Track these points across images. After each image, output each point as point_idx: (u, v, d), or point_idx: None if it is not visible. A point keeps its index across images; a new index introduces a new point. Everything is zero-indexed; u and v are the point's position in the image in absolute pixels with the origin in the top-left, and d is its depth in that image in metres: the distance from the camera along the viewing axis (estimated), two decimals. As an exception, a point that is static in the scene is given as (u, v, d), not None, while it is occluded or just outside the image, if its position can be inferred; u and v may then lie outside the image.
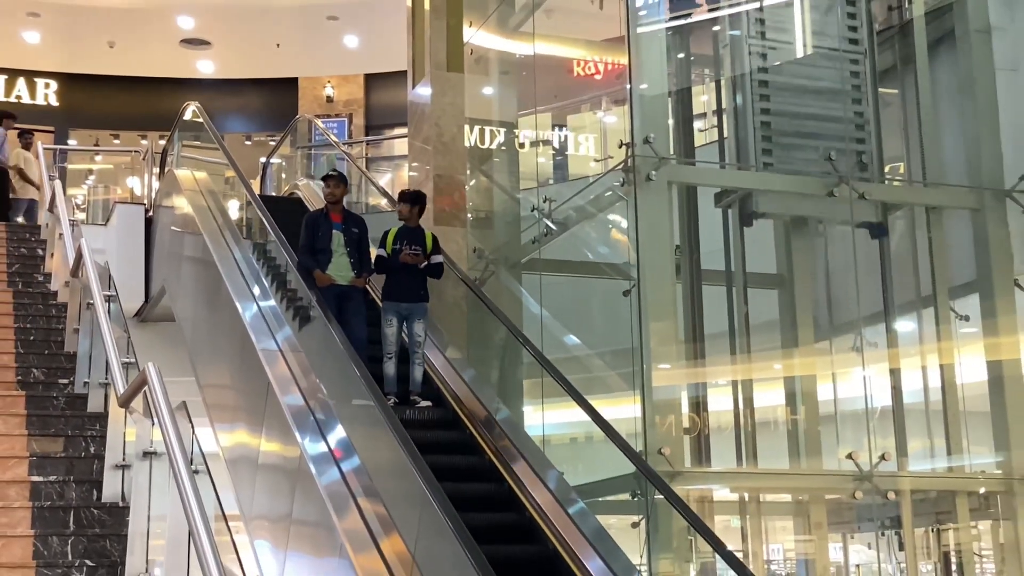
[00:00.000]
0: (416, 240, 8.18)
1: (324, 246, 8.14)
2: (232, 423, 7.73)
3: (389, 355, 7.91)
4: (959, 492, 9.07)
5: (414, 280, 8.10)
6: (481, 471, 7.18)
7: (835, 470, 8.82)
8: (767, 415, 9.40)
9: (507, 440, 7.21)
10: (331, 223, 8.23)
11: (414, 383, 7.91)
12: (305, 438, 6.36)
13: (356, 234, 8.26)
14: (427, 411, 7.79)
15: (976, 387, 9.27)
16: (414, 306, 8.02)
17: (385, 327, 7.97)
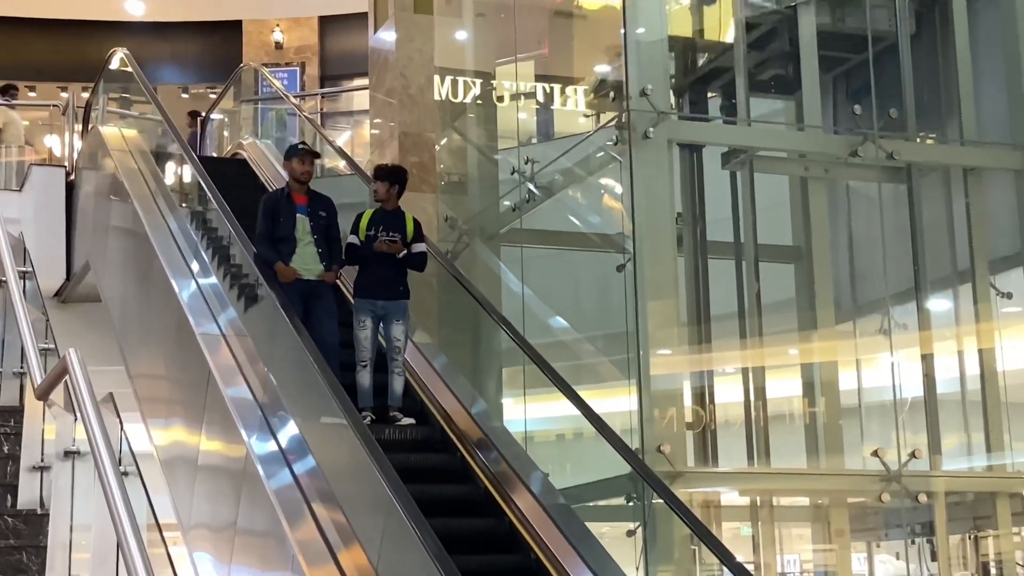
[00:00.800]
0: (394, 225, 7.85)
1: (287, 234, 7.73)
2: (168, 418, 7.74)
3: (364, 363, 7.60)
4: (1000, 494, 9.15)
5: (392, 273, 7.78)
6: (475, 503, 6.97)
7: (859, 470, 8.88)
8: (782, 407, 9.44)
9: (505, 465, 6.99)
10: (294, 206, 7.83)
11: (394, 396, 7.61)
12: (252, 436, 6.36)
13: (324, 219, 7.87)
14: (409, 430, 7.52)
15: (1020, 375, 9.34)
16: (392, 304, 7.72)
17: (358, 329, 7.67)
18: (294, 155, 8.00)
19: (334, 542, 5.62)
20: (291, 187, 7.96)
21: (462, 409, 7.59)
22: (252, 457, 6.19)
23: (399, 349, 7.66)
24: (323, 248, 7.79)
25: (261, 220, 7.80)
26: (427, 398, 7.88)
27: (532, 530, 6.62)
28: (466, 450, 7.32)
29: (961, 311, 9.56)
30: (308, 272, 7.72)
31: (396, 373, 7.62)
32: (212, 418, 6.92)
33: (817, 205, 9.23)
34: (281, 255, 7.68)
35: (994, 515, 9.15)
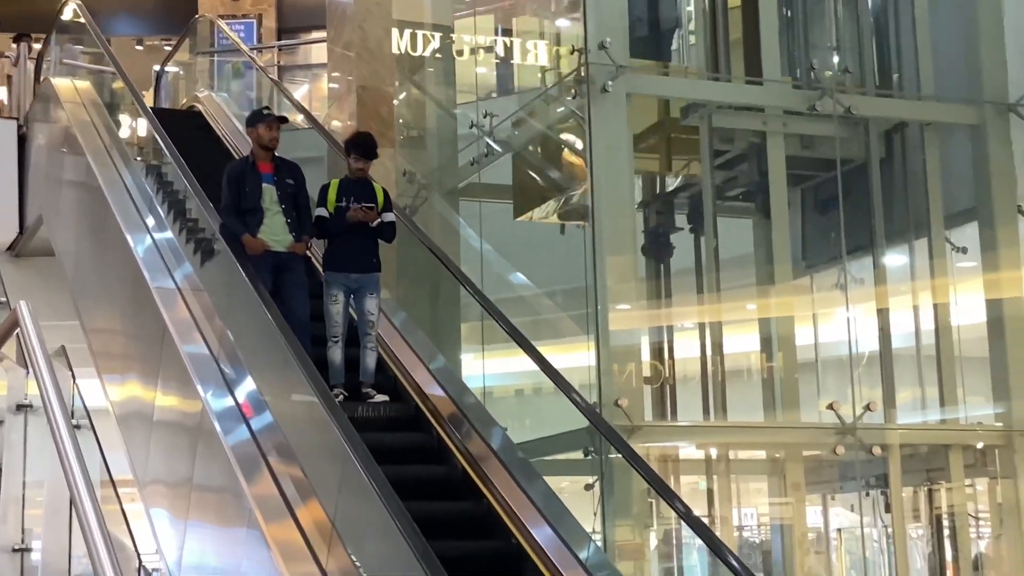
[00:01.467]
0: (365, 195, 7.50)
1: (253, 204, 7.35)
2: (123, 374, 7.68)
3: (336, 338, 7.31)
4: (953, 447, 9.25)
5: (365, 244, 7.47)
6: (454, 485, 6.70)
7: (815, 423, 8.95)
8: (739, 362, 9.48)
9: (483, 443, 6.71)
10: (260, 175, 7.45)
11: (366, 372, 7.32)
12: (208, 391, 6.32)
13: (292, 187, 7.49)
14: (383, 407, 7.24)
15: (974, 329, 9.42)
16: (365, 277, 7.42)
17: (329, 303, 7.34)
18: (260, 121, 7.57)
19: (292, 497, 5.59)
20: (256, 155, 7.55)
21: (436, 384, 7.30)
22: (208, 412, 6.16)
23: (372, 323, 7.37)
24: (292, 218, 7.42)
25: (226, 191, 7.40)
26: (400, 373, 7.59)
27: (511, 511, 6.36)
28: (441, 428, 6.99)
29: (917, 266, 9.63)
30: (277, 243, 7.36)
31: (369, 348, 7.33)
32: (168, 374, 6.87)
33: (775, 161, 9.24)
34: (248, 227, 7.31)
35: (947, 468, 9.26)
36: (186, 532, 6.30)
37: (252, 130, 7.62)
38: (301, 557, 5.28)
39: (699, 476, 10.08)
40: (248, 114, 7.95)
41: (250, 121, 7.72)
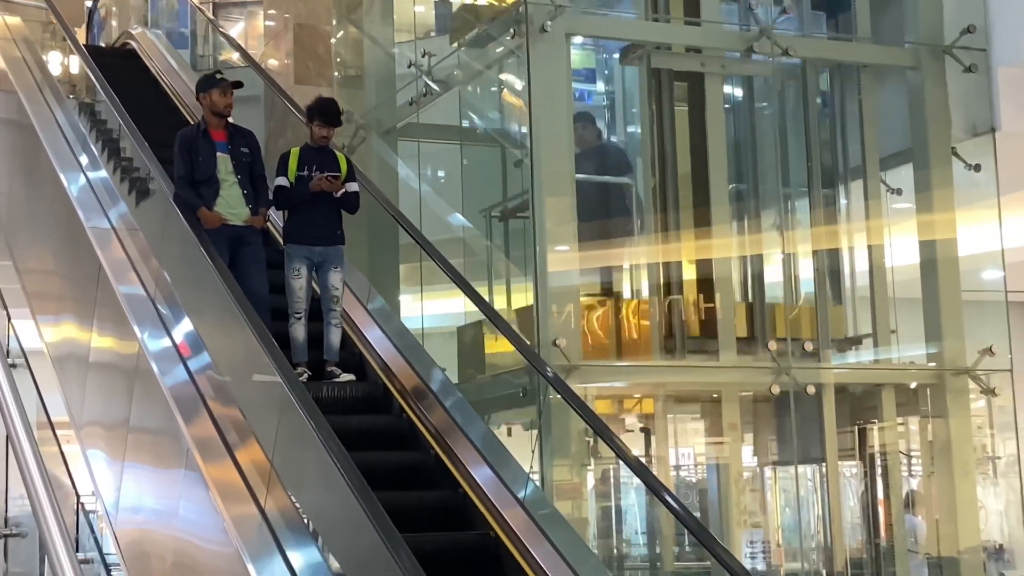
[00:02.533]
0: (327, 164, 7.24)
1: (208, 175, 7.07)
2: (57, 315, 7.61)
3: (298, 314, 7.07)
4: (885, 386, 9.39)
5: (328, 215, 7.21)
6: (426, 472, 6.58)
7: (751, 362, 9.04)
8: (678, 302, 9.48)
9: (457, 429, 6.57)
10: (213, 144, 7.15)
11: (330, 350, 7.11)
12: (145, 332, 6.28)
13: (247, 155, 7.22)
14: (349, 387, 7.06)
15: (907, 271, 9.53)
16: (329, 250, 7.18)
17: (292, 278, 7.09)
18: (212, 86, 7.21)
19: (231, 439, 5.58)
20: (208, 122, 7.22)
21: (404, 362, 7.11)
22: (145, 353, 6.12)
23: (337, 298, 7.14)
24: (248, 189, 7.17)
25: (179, 161, 7.09)
26: (365, 349, 7.41)
27: (485, 498, 6.23)
28: (411, 410, 6.84)
29: (852, 207, 9.71)
30: (234, 216, 7.11)
31: (333, 325, 7.11)
32: (103, 314, 6.82)
33: (713, 101, 9.24)
34: (204, 199, 7.04)
35: (880, 407, 9.40)
36: (123, 474, 6.29)
37: (204, 96, 7.23)
38: (240, 497, 5.28)
39: (636, 416, 10.15)
40: (199, 78, 7.55)
41: (201, 86, 7.31)
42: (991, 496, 13.29)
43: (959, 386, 9.27)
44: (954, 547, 9.41)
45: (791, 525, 9.86)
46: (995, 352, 9.20)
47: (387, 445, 6.68)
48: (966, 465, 9.47)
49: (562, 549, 5.85)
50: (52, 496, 3.26)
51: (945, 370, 9.31)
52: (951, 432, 9.33)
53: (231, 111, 7.24)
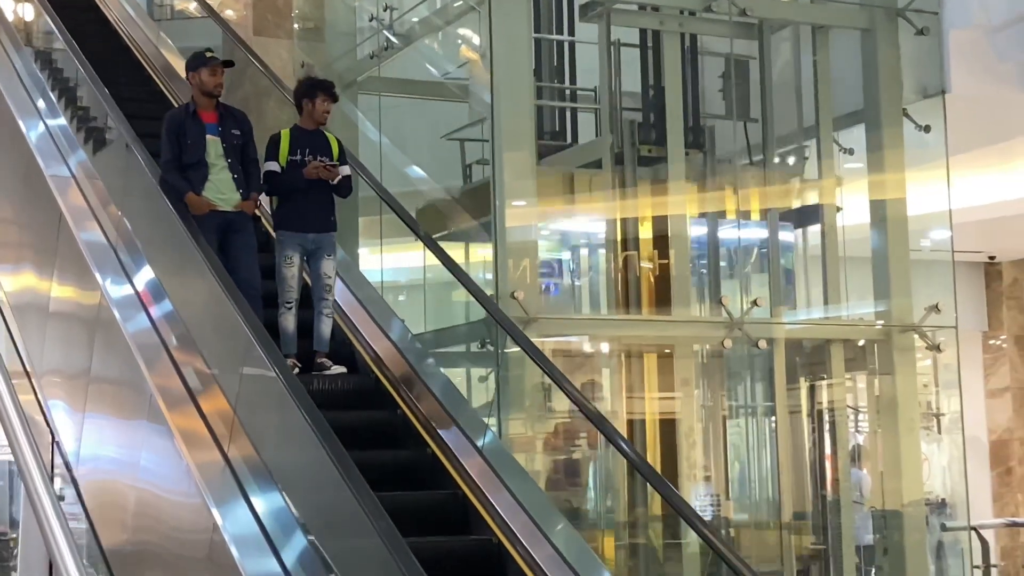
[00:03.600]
0: (320, 147, 6.90)
1: (196, 158, 6.70)
2: (16, 263, 7.54)
3: (289, 304, 6.75)
4: (834, 342, 9.54)
5: (321, 201, 6.86)
6: (422, 471, 6.27)
7: (705, 318, 9.13)
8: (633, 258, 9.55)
9: (454, 425, 6.29)
10: (203, 126, 6.77)
11: (320, 340, 6.83)
12: (107, 279, 6.23)
13: (238, 138, 6.84)
14: (340, 379, 6.78)
15: (858, 230, 9.65)
16: (322, 237, 6.85)
17: (283, 266, 6.78)
18: (202, 65, 6.82)
19: (194, 387, 5.56)
20: (198, 102, 6.83)
21: (396, 352, 6.84)
22: (107, 302, 6.08)
23: (329, 288, 6.84)
24: (239, 173, 6.79)
25: (165, 143, 6.75)
26: (355, 338, 7.15)
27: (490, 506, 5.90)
28: (405, 404, 6.58)
29: (805, 167, 9.79)
30: (224, 202, 6.72)
31: (325, 315, 6.83)
32: (64, 263, 6.76)
33: (670, 59, 9.27)
34: (192, 183, 6.68)
35: (828, 363, 9.53)
36: (84, 424, 6.25)
37: (194, 75, 6.87)
38: (204, 445, 5.27)
39: (593, 369, 10.23)
40: (188, 57, 7.07)
41: (191, 65, 6.93)
42: (935, 451, 13.54)
43: (905, 343, 9.44)
44: (898, 500, 9.61)
45: (740, 478, 10.00)
46: (941, 310, 9.36)
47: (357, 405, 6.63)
48: (911, 421, 9.66)
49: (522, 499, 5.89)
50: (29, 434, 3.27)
51: (892, 327, 9.46)
52: (897, 388, 9.51)
53: (221, 91, 6.89)
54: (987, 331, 16.69)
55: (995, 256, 16.22)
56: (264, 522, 4.80)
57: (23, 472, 3.21)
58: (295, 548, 4.70)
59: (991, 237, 14.93)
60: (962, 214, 10.82)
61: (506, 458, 6.19)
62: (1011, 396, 16.49)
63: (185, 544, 5.15)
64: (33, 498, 3.01)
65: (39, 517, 3.07)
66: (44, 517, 2.99)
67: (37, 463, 3.15)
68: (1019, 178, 11.87)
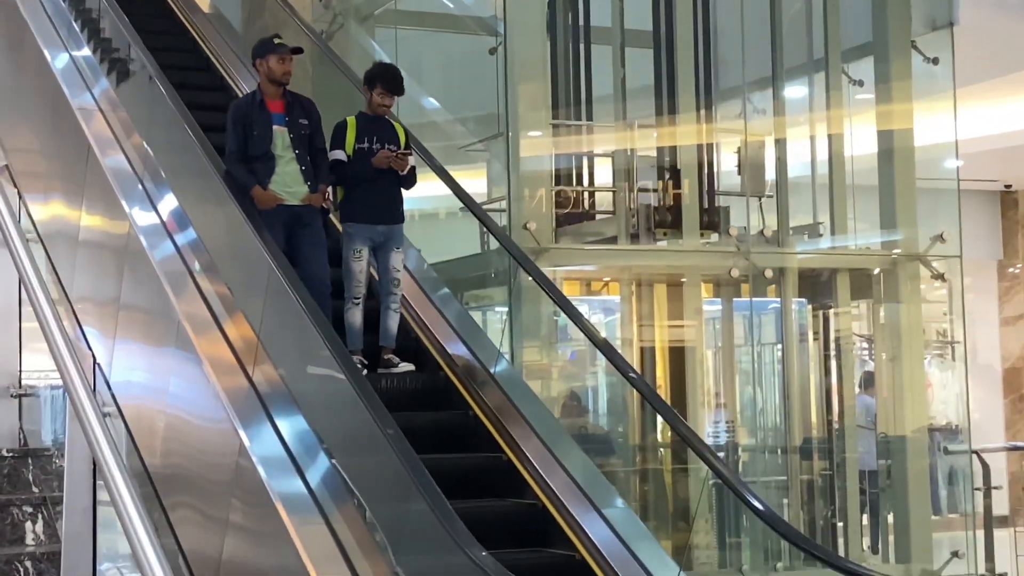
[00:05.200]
0: (387, 136, 6.69)
1: (263, 151, 6.46)
2: (46, 193, 7.77)
3: (356, 299, 6.56)
4: (840, 271, 9.77)
5: (390, 191, 6.67)
6: (495, 477, 6.03)
7: (713, 246, 9.37)
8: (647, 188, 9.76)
9: (529, 430, 6.08)
10: (269, 115, 6.53)
11: (388, 336, 6.63)
12: (134, 208, 6.46)
13: (306, 127, 6.59)
14: (408, 378, 6.58)
15: (866, 160, 9.84)
16: (391, 229, 6.66)
17: (351, 260, 6.58)
18: (270, 52, 6.59)
19: (219, 313, 5.76)
20: (265, 91, 6.60)
21: (466, 351, 6.62)
22: (135, 231, 6.30)
23: (398, 281, 6.67)
24: (306, 164, 6.54)
25: (231, 134, 6.51)
26: (423, 333, 6.94)
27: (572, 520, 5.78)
28: (478, 405, 6.37)
29: (815, 98, 9.97)
30: (291, 196, 6.47)
31: (392, 309, 6.63)
32: (92, 193, 6.98)
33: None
34: (257, 176, 6.45)
35: (835, 291, 9.77)
36: (114, 350, 6.47)
37: (261, 62, 6.62)
38: (229, 369, 5.50)
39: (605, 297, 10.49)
40: (255, 44, 6.85)
41: (258, 51, 6.69)
42: (950, 379, 13.79)
43: (911, 272, 9.65)
44: (903, 427, 9.86)
45: (752, 405, 10.27)
46: (946, 239, 9.56)
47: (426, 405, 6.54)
48: (916, 348, 9.89)
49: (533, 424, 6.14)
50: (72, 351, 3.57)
51: (897, 255, 9.66)
52: (902, 316, 9.73)
53: (289, 79, 6.63)
54: (1003, 259, 16.90)
55: (1011, 185, 16.38)
56: (289, 444, 5.01)
57: (68, 387, 3.52)
58: (319, 469, 4.90)
59: (1007, 166, 15.10)
60: (977, 143, 11.03)
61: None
62: (1025, 324, 16.74)
63: (213, 467, 5.33)
64: (78, 410, 3.31)
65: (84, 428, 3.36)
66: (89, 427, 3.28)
67: (81, 378, 3.46)
68: (1033, 108, 12.04)
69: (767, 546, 9.07)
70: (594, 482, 5.91)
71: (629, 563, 5.37)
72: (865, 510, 10.27)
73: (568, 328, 9.00)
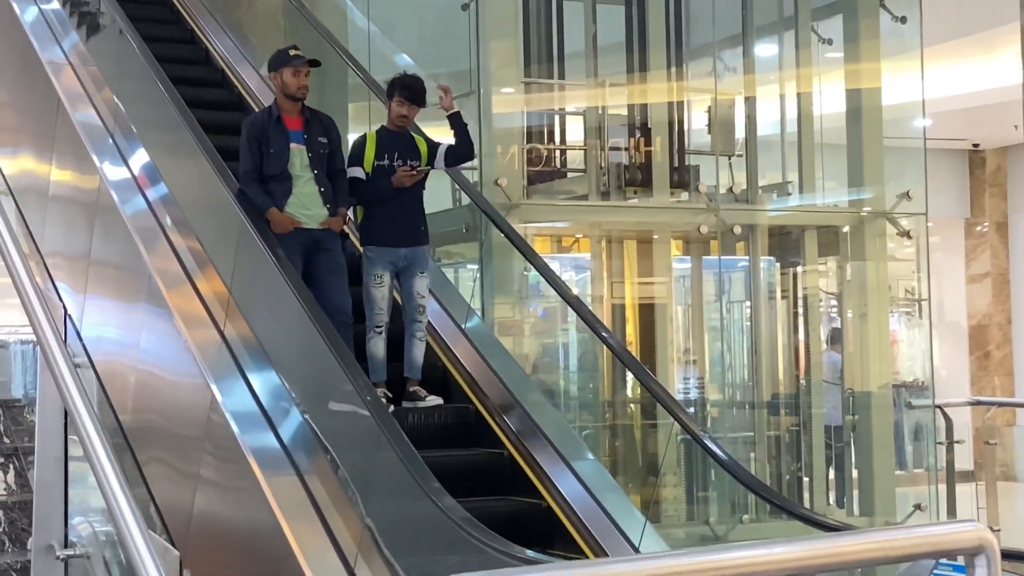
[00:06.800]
0: (408, 151, 6.25)
1: (279, 169, 6.01)
2: (15, 147, 7.74)
3: (379, 328, 6.10)
4: (808, 228, 9.87)
5: (413, 210, 6.23)
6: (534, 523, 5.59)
7: (683, 204, 9.43)
8: (619, 146, 9.80)
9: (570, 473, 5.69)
10: (286, 132, 6.07)
11: (413, 366, 6.17)
12: (104, 162, 6.45)
13: (325, 146, 6.14)
14: (436, 412, 6.14)
15: (834, 118, 9.91)
16: (415, 251, 6.22)
17: (372, 286, 6.13)
18: (284, 64, 6.10)
19: (191, 268, 5.77)
20: (281, 106, 6.12)
21: (494, 378, 6.24)
22: (106, 185, 6.30)
23: (423, 308, 6.19)
24: (325, 186, 6.08)
25: (245, 152, 6.04)
26: (448, 359, 6.52)
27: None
28: (511, 443, 5.93)
29: (785, 56, 10.02)
30: (309, 219, 6.02)
31: (418, 338, 6.16)
32: (62, 147, 6.97)
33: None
34: (273, 198, 5.98)
35: (803, 249, 9.86)
36: (85, 305, 6.47)
37: (275, 75, 6.15)
38: (201, 323, 5.52)
39: (575, 254, 10.54)
40: (271, 55, 6.38)
41: (272, 64, 6.22)
42: (916, 336, 13.95)
43: (878, 229, 9.76)
44: (870, 382, 10.00)
45: (721, 361, 10.37)
46: (912, 197, 9.66)
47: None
48: (882, 305, 10.01)
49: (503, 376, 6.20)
50: (44, 302, 3.59)
51: (865, 213, 9.76)
52: (869, 274, 9.84)
53: (305, 94, 6.13)
54: (969, 218, 17.07)
55: (979, 144, 16.52)
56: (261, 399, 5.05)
57: (38, 335, 3.53)
58: (291, 424, 4.93)
59: (975, 125, 15.23)
60: (946, 102, 11.11)
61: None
62: (991, 282, 16.94)
63: (185, 422, 5.36)
64: (49, 359, 3.33)
65: (55, 378, 3.38)
66: (60, 377, 3.30)
67: (51, 326, 3.47)
68: (1001, 67, 12.12)
69: (734, 500, 9.19)
70: (563, 436, 5.98)
71: (596, 513, 5.45)
72: (831, 465, 10.41)
73: (540, 285, 9.03)
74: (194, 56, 8.95)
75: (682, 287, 10.24)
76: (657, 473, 9.18)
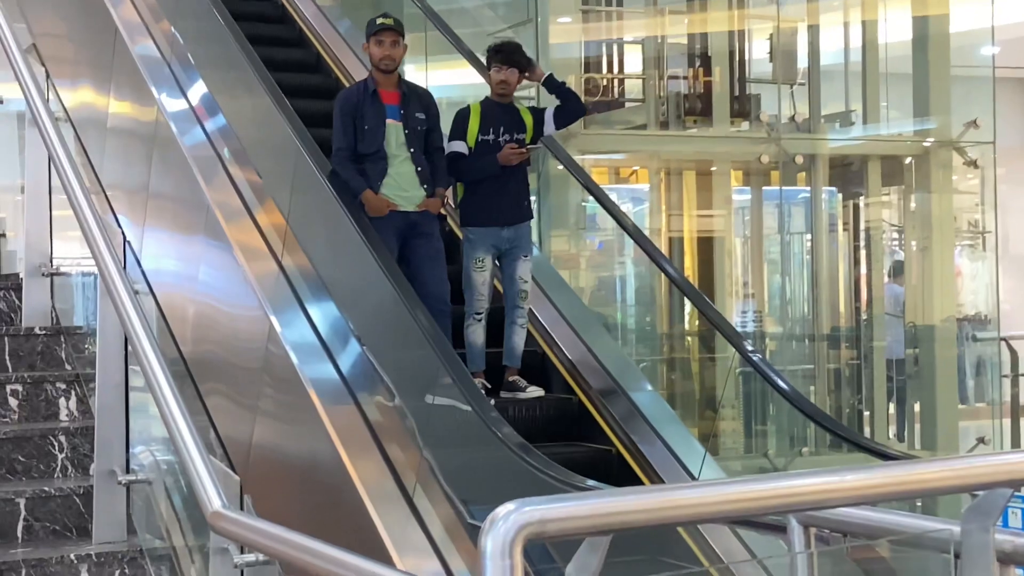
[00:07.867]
0: (514, 124, 5.82)
1: (375, 148, 5.61)
2: (74, 79, 7.73)
3: (479, 314, 5.74)
4: (871, 158, 9.69)
5: (515, 187, 5.80)
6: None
7: (743, 133, 9.30)
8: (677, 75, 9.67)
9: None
10: (382, 108, 5.64)
11: (513, 355, 5.79)
12: (162, 94, 6.44)
13: (422, 123, 5.70)
14: (538, 404, 5.75)
15: (899, 47, 9.70)
16: (517, 230, 5.78)
17: (473, 270, 5.74)
18: (369, 34, 5.70)
19: (249, 200, 5.77)
20: (376, 80, 5.69)
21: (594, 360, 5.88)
22: (164, 117, 6.29)
23: (525, 294, 5.78)
24: (423, 165, 5.66)
25: (338, 129, 5.64)
26: (546, 343, 6.13)
27: None
28: (621, 443, 5.59)
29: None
30: (406, 201, 5.62)
31: (519, 325, 5.77)
32: (120, 78, 6.95)
33: None
34: (368, 178, 5.60)
35: (866, 179, 9.71)
36: (143, 238, 6.50)
37: (366, 46, 5.78)
38: (261, 256, 5.52)
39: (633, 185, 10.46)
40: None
41: (366, 34, 5.79)
42: (981, 269, 13.76)
43: (943, 160, 9.58)
44: (932, 316, 9.87)
45: (780, 294, 10.28)
46: (979, 125, 9.46)
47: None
48: (946, 237, 9.85)
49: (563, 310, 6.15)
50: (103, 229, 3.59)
51: (930, 143, 9.58)
52: (933, 205, 9.68)
53: (393, 65, 5.69)
54: (1035, 149, 16.74)
55: (1048, 73, 16.16)
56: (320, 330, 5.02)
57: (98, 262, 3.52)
58: (350, 356, 4.87)
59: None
60: (1014, 29, 10.82)
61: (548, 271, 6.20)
62: (1056, 214, 16.62)
63: (244, 353, 5.34)
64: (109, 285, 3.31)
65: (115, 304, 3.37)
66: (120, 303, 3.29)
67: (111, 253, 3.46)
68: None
69: (793, 433, 9.13)
70: (624, 369, 5.91)
71: (656, 445, 5.39)
72: (892, 398, 10.32)
73: (596, 217, 8.96)
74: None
75: (741, 219, 10.14)
76: (715, 407, 9.14)
